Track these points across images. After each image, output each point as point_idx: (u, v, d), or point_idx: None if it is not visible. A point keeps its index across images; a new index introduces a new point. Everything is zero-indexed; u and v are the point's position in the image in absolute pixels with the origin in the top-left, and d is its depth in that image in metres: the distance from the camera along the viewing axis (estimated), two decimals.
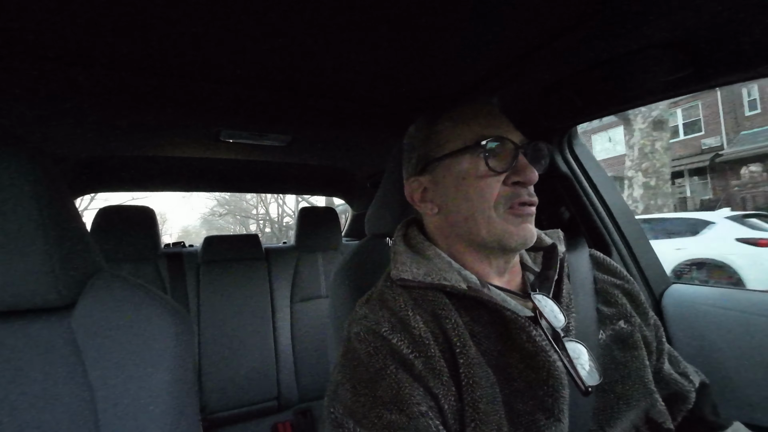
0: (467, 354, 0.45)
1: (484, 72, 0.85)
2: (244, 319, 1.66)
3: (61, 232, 0.55)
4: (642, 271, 0.98)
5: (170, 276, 1.62)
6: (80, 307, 0.57)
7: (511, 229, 0.52)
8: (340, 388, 0.45)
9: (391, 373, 0.43)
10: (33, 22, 0.62)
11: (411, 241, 0.60)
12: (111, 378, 0.54)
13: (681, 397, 0.56)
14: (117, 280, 0.61)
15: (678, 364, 0.60)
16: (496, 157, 0.52)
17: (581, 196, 1.02)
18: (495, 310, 0.48)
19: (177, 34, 0.67)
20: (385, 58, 0.79)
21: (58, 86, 0.80)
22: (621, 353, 0.53)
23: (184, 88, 0.87)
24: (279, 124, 1.09)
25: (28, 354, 0.54)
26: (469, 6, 0.61)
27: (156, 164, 1.56)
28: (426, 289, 0.51)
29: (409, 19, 0.64)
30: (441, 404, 0.43)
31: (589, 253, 0.67)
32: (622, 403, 0.49)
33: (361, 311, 0.53)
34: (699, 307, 0.88)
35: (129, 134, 1.10)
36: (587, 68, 0.75)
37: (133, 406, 0.53)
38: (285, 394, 1.66)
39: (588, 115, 0.91)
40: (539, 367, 0.45)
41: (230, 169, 1.68)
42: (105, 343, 0.55)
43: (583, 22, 0.64)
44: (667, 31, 0.60)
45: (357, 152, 1.50)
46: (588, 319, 0.55)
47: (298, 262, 1.83)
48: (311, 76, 0.86)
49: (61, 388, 0.53)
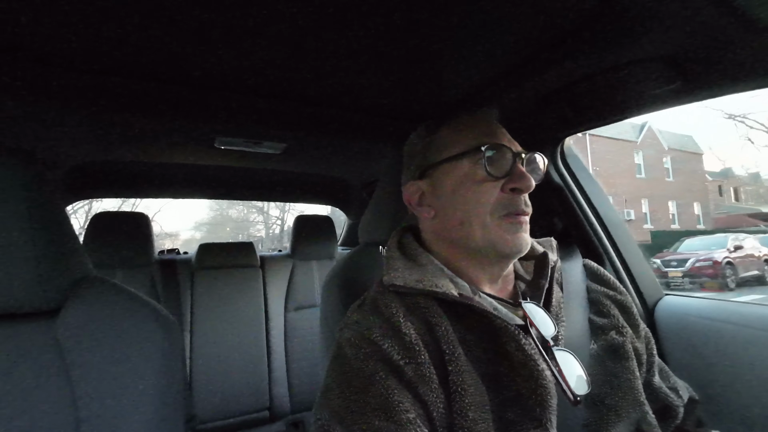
0: (457, 361, 0.45)
1: (480, 82, 0.86)
2: (237, 327, 1.64)
3: (48, 237, 0.55)
4: (635, 282, 0.98)
5: (163, 283, 1.60)
6: (66, 312, 0.57)
7: (505, 236, 0.52)
8: (329, 393, 0.45)
9: (381, 379, 0.43)
10: (28, 27, 0.63)
11: (405, 248, 0.61)
12: (94, 383, 0.53)
13: (670, 411, 0.56)
14: (104, 285, 0.61)
15: (668, 379, 0.60)
16: (495, 164, 0.53)
17: (574, 207, 1.02)
18: (485, 318, 0.48)
19: (173, 41, 0.67)
20: (381, 69, 0.80)
21: (53, 91, 0.80)
22: (612, 364, 0.53)
23: (180, 95, 0.87)
24: (274, 131, 1.09)
25: (12, 358, 0.53)
26: (465, 18, 0.62)
27: (151, 170, 1.56)
28: (418, 295, 0.51)
29: (405, 30, 0.65)
30: (430, 411, 0.43)
31: (582, 263, 0.67)
32: (612, 415, 0.49)
33: (352, 317, 0.53)
34: (691, 318, 0.88)
35: (124, 140, 1.11)
36: (579, 80, 0.76)
37: (115, 412, 0.52)
38: (277, 404, 1.63)
39: (579, 126, 0.92)
40: (528, 376, 0.45)
41: (225, 176, 1.68)
42: (89, 348, 0.54)
43: (574, 35, 0.66)
44: (656, 45, 0.62)
45: (352, 161, 1.51)
46: (579, 329, 0.55)
47: (293, 270, 1.82)
48: (307, 85, 0.87)
49: (44, 392, 0.53)
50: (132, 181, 1.66)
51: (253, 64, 0.76)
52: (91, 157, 1.26)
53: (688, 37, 0.58)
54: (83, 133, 1.02)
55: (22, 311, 0.55)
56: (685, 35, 0.58)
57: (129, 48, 0.69)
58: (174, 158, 1.33)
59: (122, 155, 1.27)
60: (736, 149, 15.37)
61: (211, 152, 1.23)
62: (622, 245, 1.00)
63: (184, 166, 1.48)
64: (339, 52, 0.73)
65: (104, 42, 0.67)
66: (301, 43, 0.69)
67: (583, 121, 0.88)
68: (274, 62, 0.76)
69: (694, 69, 0.64)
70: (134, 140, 1.12)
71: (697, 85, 0.67)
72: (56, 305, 0.57)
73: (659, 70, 0.66)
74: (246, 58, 0.74)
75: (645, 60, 0.65)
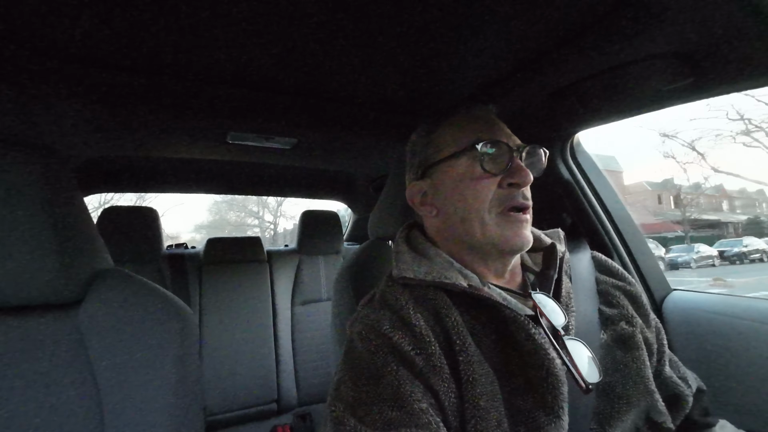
0: (467, 351, 0.46)
1: (489, 78, 0.87)
2: (245, 321, 1.66)
3: (69, 230, 0.56)
4: (643, 277, 0.99)
5: (172, 277, 1.62)
6: (87, 304, 0.58)
7: (505, 233, 0.53)
8: (342, 386, 0.46)
9: (392, 370, 0.44)
10: (42, 23, 0.64)
11: (413, 242, 0.62)
12: (116, 374, 0.54)
13: (680, 400, 0.56)
14: (124, 277, 0.62)
15: (678, 369, 0.60)
16: (492, 160, 0.54)
17: (583, 202, 1.02)
18: (495, 309, 0.49)
19: (186, 36, 0.68)
20: (390, 65, 0.81)
21: (66, 87, 0.81)
22: (622, 354, 0.54)
23: (194, 91, 0.89)
24: (285, 127, 1.10)
25: (35, 349, 0.55)
26: (474, 15, 0.63)
27: (162, 165, 1.58)
28: (427, 287, 0.52)
29: (415, 26, 0.66)
30: (441, 401, 0.43)
31: (590, 255, 0.68)
32: (622, 403, 0.50)
33: (363, 311, 0.54)
34: (700, 313, 0.88)
35: (137, 135, 1.12)
36: (589, 76, 0.76)
37: (138, 402, 0.53)
38: (285, 397, 1.65)
39: (590, 122, 0.92)
40: (538, 364, 0.46)
41: (235, 171, 1.70)
42: (111, 339, 0.56)
43: (585, 31, 0.66)
44: (668, 41, 0.62)
45: (360, 156, 1.52)
46: (589, 320, 0.56)
47: (299, 265, 1.84)
48: (318, 80, 0.88)
49: (67, 383, 0.54)
50: (143, 176, 1.68)
51: (265, 60, 0.77)
52: (103, 152, 1.27)
53: (701, 32, 0.58)
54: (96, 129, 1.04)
55: (45, 303, 0.56)
56: (697, 30, 0.58)
57: (143, 44, 0.70)
58: (186, 153, 1.34)
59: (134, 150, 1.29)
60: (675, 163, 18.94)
61: (222, 147, 1.25)
62: (630, 240, 1.01)
63: (196, 161, 1.49)
64: (349, 49, 0.73)
65: (118, 38, 0.68)
66: (312, 39, 0.70)
67: (595, 117, 0.88)
68: (286, 59, 0.77)
69: (707, 65, 0.64)
70: (147, 135, 1.13)
71: (710, 80, 0.66)
72: (78, 297, 0.58)
73: (672, 66, 0.66)
74: (258, 55, 0.75)
75: (657, 56, 0.65)
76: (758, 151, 8.29)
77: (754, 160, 16.11)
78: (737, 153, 23.48)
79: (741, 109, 7.79)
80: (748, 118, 7.50)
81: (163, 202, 33.55)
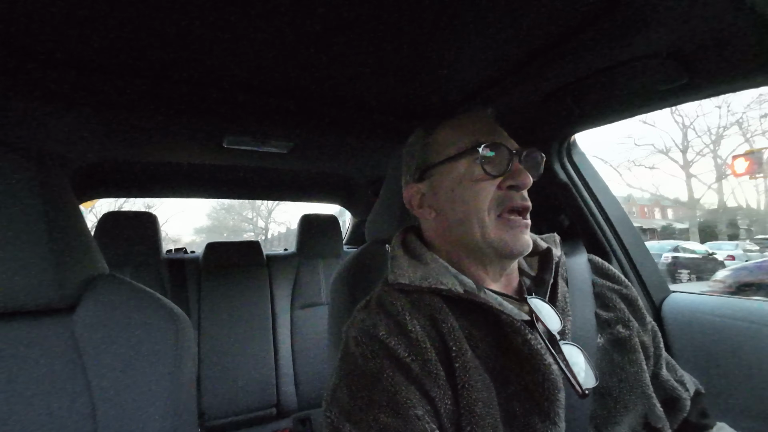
0: (463, 357, 0.45)
1: (484, 81, 0.87)
2: (245, 325, 1.66)
3: (64, 235, 0.56)
4: (641, 280, 0.98)
5: (171, 282, 1.62)
6: (82, 309, 0.58)
7: (504, 237, 0.53)
8: (338, 391, 0.45)
9: (388, 376, 0.43)
10: (39, 28, 0.64)
11: (409, 246, 0.61)
12: (110, 379, 0.54)
13: (677, 403, 0.56)
14: (119, 282, 0.62)
15: (675, 371, 0.60)
16: (492, 162, 0.54)
17: (580, 204, 1.02)
18: (491, 314, 0.49)
19: (182, 41, 0.68)
20: (387, 67, 0.81)
21: (61, 92, 0.81)
22: (619, 357, 0.53)
23: (189, 95, 0.89)
24: (282, 130, 1.10)
25: (30, 354, 0.55)
26: (469, 17, 0.63)
27: (159, 170, 1.58)
28: (423, 292, 0.52)
29: (410, 29, 0.66)
30: (437, 407, 0.43)
31: (587, 258, 0.67)
32: (620, 407, 0.49)
33: (359, 316, 0.53)
34: (698, 315, 0.87)
35: (133, 140, 1.12)
36: (585, 77, 0.76)
37: (132, 407, 0.53)
38: (284, 401, 1.65)
39: (586, 124, 0.92)
40: (534, 370, 0.45)
41: (232, 175, 1.70)
42: (105, 344, 0.56)
43: (579, 31, 0.66)
44: (662, 41, 0.62)
45: (358, 159, 1.52)
46: (586, 323, 0.56)
47: (298, 269, 1.83)
48: (314, 84, 0.88)
49: (61, 389, 0.54)
50: (140, 181, 1.68)
51: (261, 63, 0.77)
52: (99, 157, 1.27)
53: (695, 32, 0.58)
54: (92, 134, 1.04)
55: (40, 308, 0.56)
56: (691, 31, 0.58)
57: (137, 48, 0.70)
58: (183, 158, 1.34)
59: (131, 155, 1.29)
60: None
61: (219, 152, 1.24)
62: (628, 242, 1.00)
63: (193, 166, 1.49)
64: (345, 51, 0.73)
65: (113, 42, 0.68)
66: (308, 43, 0.70)
67: (590, 118, 0.88)
68: (282, 62, 0.77)
69: (701, 65, 0.64)
70: (143, 140, 1.13)
71: (705, 81, 0.66)
72: (72, 302, 0.58)
73: (666, 66, 0.66)
74: (254, 58, 0.75)
75: (652, 56, 0.65)
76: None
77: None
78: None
79: (644, 137, 9.13)
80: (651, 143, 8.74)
81: (167, 209, 33.89)
